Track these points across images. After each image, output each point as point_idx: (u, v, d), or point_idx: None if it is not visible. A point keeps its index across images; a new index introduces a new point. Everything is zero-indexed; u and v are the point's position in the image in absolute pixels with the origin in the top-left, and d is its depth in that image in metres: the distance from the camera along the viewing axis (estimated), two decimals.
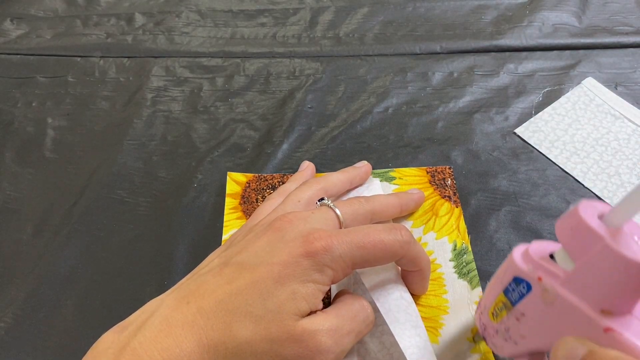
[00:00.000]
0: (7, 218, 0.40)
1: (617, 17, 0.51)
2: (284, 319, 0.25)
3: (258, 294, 0.25)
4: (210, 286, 0.26)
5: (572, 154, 0.39)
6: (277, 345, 0.25)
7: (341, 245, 0.26)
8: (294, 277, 0.26)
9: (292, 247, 0.26)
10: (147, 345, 0.24)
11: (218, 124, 0.45)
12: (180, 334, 0.24)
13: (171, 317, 0.25)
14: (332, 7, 0.56)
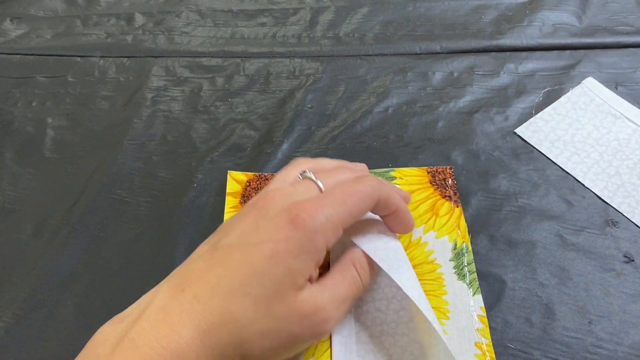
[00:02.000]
0: (7, 218, 0.40)
1: (618, 17, 0.50)
2: (284, 295, 0.25)
3: (253, 273, 0.25)
4: (202, 272, 0.26)
5: (573, 154, 0.39)
6: (281, 322, 0.25)
7: (324, 209, 0.27)
8: (286, 253, 0.25)
9: (278, 222, 0.26)
10: (145, 335, 0.24)
11: (218, 124, 0.45)
12: (178, 322, 0.24)
13: (167, 306, 0.25)
14: (332, 7, 0.56)
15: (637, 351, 0.30)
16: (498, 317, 0.32)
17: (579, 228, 0.35)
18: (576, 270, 0.33)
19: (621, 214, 0.36)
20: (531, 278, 0.33)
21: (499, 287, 0.33)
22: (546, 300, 0.32)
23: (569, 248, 0.34)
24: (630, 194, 0.37)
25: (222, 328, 0.24)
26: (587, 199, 0.37)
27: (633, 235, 0.35)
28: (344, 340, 0.31)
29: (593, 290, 0.32)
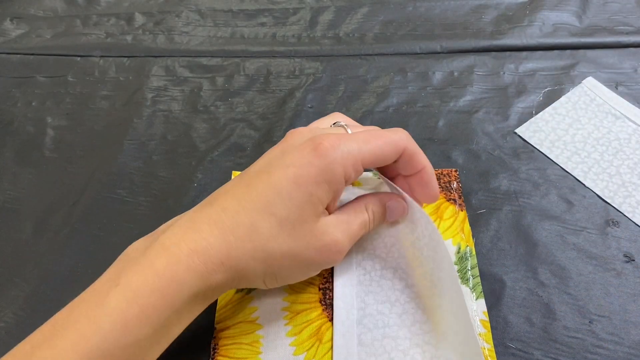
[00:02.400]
0: (7, 218, 0.40)
1: (618, 16, 0.50)
2: (306, 220, 0.27)
3: (277, 194, 0.27)
4: (230, 191, 0.28)
5: (573, 154, 0.39)
6: (302, 244, 0.27)
7: (348, 142, 0.28)
8: (308, 178, 0.27)
9: (302, 150, 0.28)
10: (174, 239, 0.26)
11: (218, 124, 0.45)
12: (207, 229, 0.26)
13: (196, 217, 0.27)
14: (332, 7, 0.56)
15: (638, 351, 0.30)
16: (498, 316, 0.32)
17: (580, 228, 0.35)
18: (577, 270, 0.33)
19: (622, 213, 0.36)
20: (532, 278, 0.33)
21: (500, 287, 0.33)
22: (547, 300, 0.32)
23: (570, 248, 0.34)
24: (631, 194, 0.36)
25: (248, 241, 0.26)
26: (587, 199, 0.37)
27: (633, 235, 0.35)
28: (346, 343, 0.31)
29: (593, 290, 0.32)
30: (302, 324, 0.32)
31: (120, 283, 0.25)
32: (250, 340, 0.32)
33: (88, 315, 0.24)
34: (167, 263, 0.25)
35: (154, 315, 0.24)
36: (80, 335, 0.23)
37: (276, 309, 0.33)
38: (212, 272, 0.26)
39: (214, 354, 0.31)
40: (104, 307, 0.24)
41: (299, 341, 0.31)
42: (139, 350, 0.25)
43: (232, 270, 0.26)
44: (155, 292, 0.24)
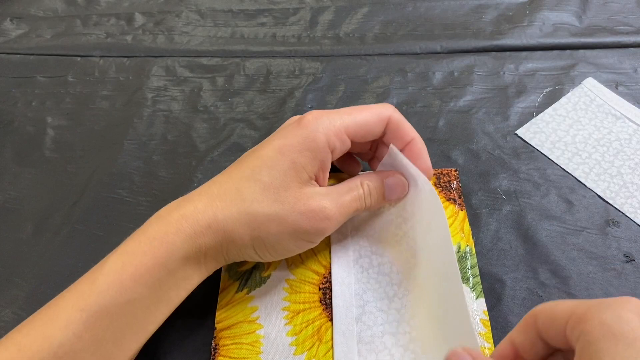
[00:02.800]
0: (7, 218, 0.40)
1: (618, 16, 0.50)
2: (290, 186, 0.29)
3: (262, 164, 0.29)
4: (224, 170, 0.31)
5: (574, 155, 0.39)
6: (287, 208, 0.28)
7: (330, 115, 0.30)
8: (291, 147, 0.29)
9: (288, 126, 0.31)
10: (168, 209, 0.29)
11: (218, 124, 0.45)
12: (197, 198, 0.29)
13: (191, 194, 0.30)
14: (332, 7, 0.56)
15: None
16: (498, 316, 0.32)
17: (580, 228, 0.35)
18: (577, 270, 0.33)
19: (622, 214, 0.36)
20: (532, 278, 0.33)
21: (500, 287, 0.33)
22: (547, 300, 0.32)
23: (570, 248, 0.34)
24: (632, 194, 0.36)
25: (233, 205, 0.28)
26: (587, 199, 0.37)
27: (634, 235, 0.35)
28: (346, 341, 0.31)
29: (593, 290, 0.32)
30: (303, 323, 0.32)
31: (117, 250, 0.27)
32: (251, 340, 0.32)
33: (88, 277, 0.26)
34: (158, 228, 0.27)
35: (147, 275, 0.26)
36: (79, 294, 0.26)
37: (276, 309, 0.33)
38: (199, 234, 0.27)
39: (214, 354, 0.31)
40: (101, 269, 0.26)
41: (299, 341, 0.31)
42: (135, 309, 0.26)
43: (219, 233, 0.28)
44: (148, 253, 0.27)
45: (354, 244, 0.35)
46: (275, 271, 0.34)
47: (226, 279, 0.35)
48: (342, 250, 0.35)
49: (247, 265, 0.35)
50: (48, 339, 0.24)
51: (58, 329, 0.24)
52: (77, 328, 0.25)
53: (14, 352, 0.24)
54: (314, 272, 0.34)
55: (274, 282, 0.34)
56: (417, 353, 0.30)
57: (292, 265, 0.35)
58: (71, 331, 0.24)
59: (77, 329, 0.25)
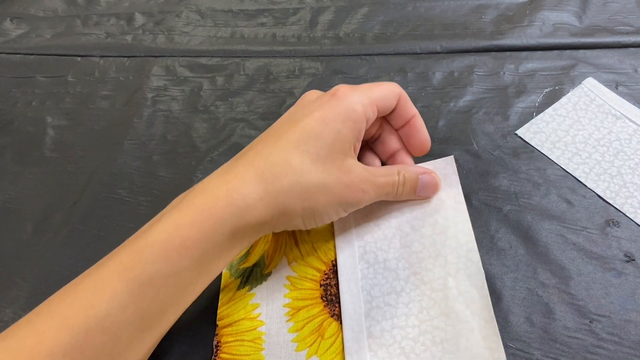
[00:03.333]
0: (7, 218, 0.40)
1: (618, 16, 0.50)
2: (335, 157, 0.29)
3: (307, 136, 0.29)
4: (260, 142, 0.31)
5: (574, 155, 0.39)
6: (334, 179, 0.29)
7: (358, 89, 0.31)
8: (334, 117, 0.30)
9: (322, 98, 0.31)
10: (212, 182, 0.28)
11: (218, 124, 0.45)
12: (243, 171, 0.28)
13: (232, 164, 0.29)
14: (332, 7, 0.56)
15: (638, 351, 0.30)
16: (498, 316, 0.32)
17: (580, 228, 0.35)
18: (577, 270, 0.33)
19: (623, 214, 0.36)
20: (531, 278, 0.33)
21: (500, 287, 0.33)
22: (547, 300, 0.32)
23: (570, 247, 0.34)
24: (632, 194, 0.36)
25: (284, 178, 0.28)
26: (587, 199, 0.37)
27: (634, 235, 0.35)
28: (356, 336, 0.31)
29: (594, 290, 0.32)
30: (304, 320, 0.32)
31: (161, 220, 0.27)
32: (253, 337, 0.32)
33: (132, 247, 0.26)
34: (205, 200, 0.27)
35: (194, 248, 0.26)
36: (123, 265, 0.25)
37: (278, 306, 0.33)
38: (251, 207, 0.27)
39: (216, 351, 0.31)
40: (146, 240, 0.26)
41: (300, 337, 0.31)
42: (179, 281, 0.26)
43: (271, 206, 0.28)
44: (195, 225, 0.26)
45: (359, 240, 0.35)
46: (276, 268, 0.35)
47: (227, 276, 0.35)
48: (347, 246, 0.35)
49: (248, 262, 0.35)
50: (94, 309, 0.24)
51: (104, 300, 0.24)
52: (123, 299, 0.24)
53: (60, 321, 0.23)
54: (315, 269, 0.34)
55: (275, 279, 0.34)
56: (427, 345, 0.30)
57: (293, 263, 0.35)
58: (117, 302, 0.24)
59: (123, 301, 0.24)
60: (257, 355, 0.31)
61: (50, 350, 0.23)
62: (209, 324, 0.33)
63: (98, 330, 0.24)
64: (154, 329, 0.26)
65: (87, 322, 0.23)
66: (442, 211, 0.35)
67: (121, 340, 0.24)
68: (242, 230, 0.27)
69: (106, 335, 0.24)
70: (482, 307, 0.31)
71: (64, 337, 0.23)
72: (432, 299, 0.32)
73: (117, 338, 0.24)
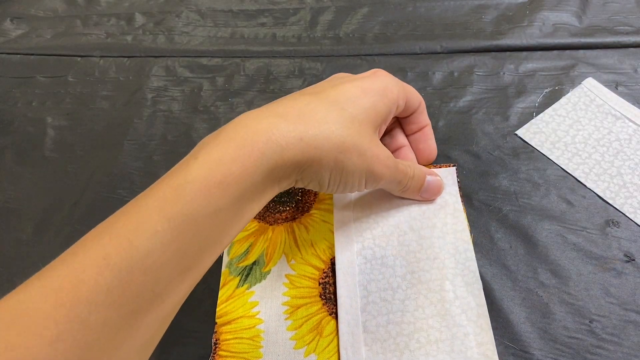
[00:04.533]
0: (7, 218, 0.40)
1: (618, 17, 0.50)
2: (367, 126, 0.30)
3: (347, 97, 0.30)
4: (295, 96, 0.30)
5: (574, 155, 0.39)
6: (366, 144, 0.29)
7: (395, 78, 0.33)
8: (373, 89, 0.31)
9: (361, 75, 0.32)
10: (247, 120, 0.27)
11: (218, 124, 0.45)
12: (282, 114, 0.27)
13: (264, 110, 0.28)
14: (332, 7, 0.56)
15: (638, 352, 0.30)
16: (499, 316, 0.32)
17: (580, 228, 0.35)
18: (577, 270, 0.33)
19: (623, 214, 0.36)
20: (532, 278, 0.33)
21: (500, 287, 0.33)
22: (547, 300, 0.32)
23: (570, 248, 0.34)
24: (632, 195, 0.36)
25: (324, 125, 0.28)
26: (587, 199, 0.37)
27: (634, 235, 0.35)
28: (351, 330, 0.31)
29: (594, 290, 0.32)
30: (302, 318, 0.32)
31: (199, 156, 0.25)
32: (251, 334, 0.32)
33: (171, 184, 0.24)
34: (247, 135, 0.25)
35: (234, 185, 0.25)
36: (163, 201, 0.24)
37: (276, 304, 0.33)
38: (290, 146, 0.26)
39: (215, 348, 0.31)
40: (186, 176, 0.24)
41: (299, 335, 0.31)
42: (219, 220, 0.25)
43: (309, 148, 0.27)
44: (237, 160, 0.25)
45: (358, 236, 0.35)
46: (276, 267, 0.35)
47: (227, 274, 0.35)
48: (345, 241, 0.35)
49: (248, 261, 0.35)
50: (135, 247, 0.22)
51: (145, 238, 0.22)
52: (165, 237, 0.23)
53: (99, 259, 0.22)
54: (313, 267, 0.34)
55: (274, 277, 0.34)
56: (422, 343, 0.30)
57: (292, 261, 0.35)
58: (159, 240, 0.23)
59: (165, 239, 0.23)
60: (256, 353, 0.31)
61: (91, 290, 0.21)
62: (207, 321, 0.33)
63: (139, 270, 0.22)
64: (192, 271, 0.25)
65: (129, 260, 0.22)
66: (440, 217, 0.35)
67: (161, 280, 0.23)
68: (278, 169, 0.26)
69: (148, 274, 0.22)
70: (479, 315, 0.31)
71: (105, 277, 0.21)
72: (428, 299, 0.32)
73: (157, 278, 0.23)
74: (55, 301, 0.21)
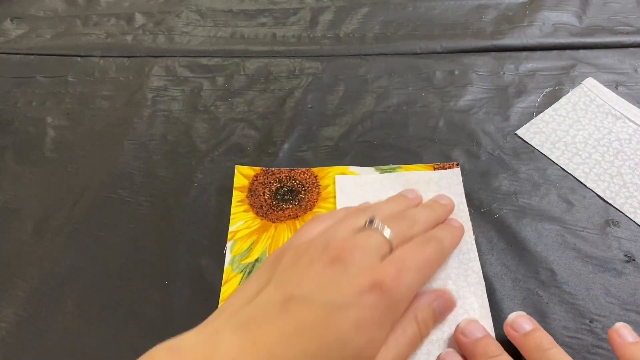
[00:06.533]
0: (8, 218, 0.40)
1: (618, 16, 0.50)
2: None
3: (335, 340, 0.23)
4: (275, 323, 0.24)
5: (574, 155, 0.39)
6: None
7: (406, 277, 0.26)
8: (372, 322, 0.24)
9: (362, 284, 0.25)
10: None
11: (218, 124, 0.45)
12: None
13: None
14: (332, 7, 0.56)
15: None
16: (499, 316, 0.32)
17: (580, 228, 0.35)
18: (577, 270, 0.33)
19: (623, 214, 0.36)
20: (532, 277, 0.33)
21: (500, 287, 0.33)
22: (547, 300, 0.32)
23: (570, 247, 0.34)
24: (632, 195, 0.37)
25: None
26: (587, 199, 0.37)
27: (634, 235, 0.35)
28: None
29: (594, 290, 0.32)
30: None
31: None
32: None
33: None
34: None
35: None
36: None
37: None
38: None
39: None
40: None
41: None
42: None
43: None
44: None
45: None
46: None
47: (229, 271, 0.35)
48: None
49: (250, 258, 0.35)
50: None
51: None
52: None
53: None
54: None
55: None
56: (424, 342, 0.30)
57: None
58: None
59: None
60: None
61: None
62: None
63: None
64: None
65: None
66: None
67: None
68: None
69: None
70: (481, 316, 0.31)
71: None
72: None
73: None
74: None
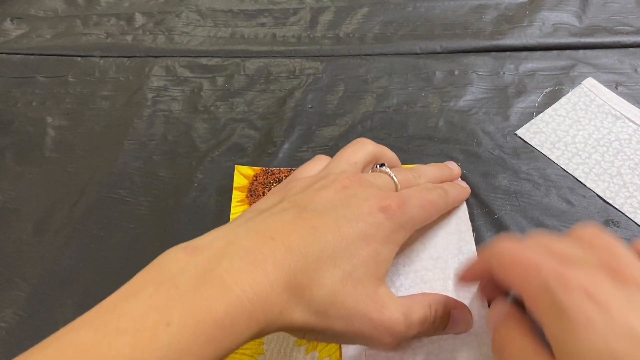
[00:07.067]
0: (8, 218, 0.40)
1: (618, 17, 0.51)
2: (367, 281, 0.25)
3: (345, 248, 0.25)
4: (292, 225, 0.25)
5: (574, 155, 0.39)
6: (362, 307, 0.24)
7: (410, 207, 0.28)
8: (377, 237, 0.26)
9: (370, 206, 0.26)
10: (235, 275, 0.22)
11: (218, 124, 0.45)
12: (271, 270, 0.23)
13: (257, 251, 0.23)
14: (332, 7, 0.56)
15: None
16: None
17: None
18: None
19: (623, 214, 0.36)
20: None
21: None
22: None
23: None
24: (632, 195, 0.37)
25: (308, 291, 0.23)
26: (587, 199, 0.37)
27: (634, 235, 0.35)
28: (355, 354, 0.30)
29: None
30: None
31: (171, 322, 0.20)
32: None
33: (136, 347, 0.20)
34: (227, 309, 0.21)
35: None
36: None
37: None
38: (270, 322, 0.23)
39: None
40: (153, 350, 0.20)
41: None
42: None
43: (288, 319, 0.23)
44: (212, 341, 0.21)
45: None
46: None
47: None
48: None
49: None
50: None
51: None
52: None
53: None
54: None
55: None
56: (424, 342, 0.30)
57: None
58: None
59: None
60: (258, 349, 0.31)
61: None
62: None
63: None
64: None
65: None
66: (444, 216, 0.35)
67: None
68: (256, 336, 0.24)
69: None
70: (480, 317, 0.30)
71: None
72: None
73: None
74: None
